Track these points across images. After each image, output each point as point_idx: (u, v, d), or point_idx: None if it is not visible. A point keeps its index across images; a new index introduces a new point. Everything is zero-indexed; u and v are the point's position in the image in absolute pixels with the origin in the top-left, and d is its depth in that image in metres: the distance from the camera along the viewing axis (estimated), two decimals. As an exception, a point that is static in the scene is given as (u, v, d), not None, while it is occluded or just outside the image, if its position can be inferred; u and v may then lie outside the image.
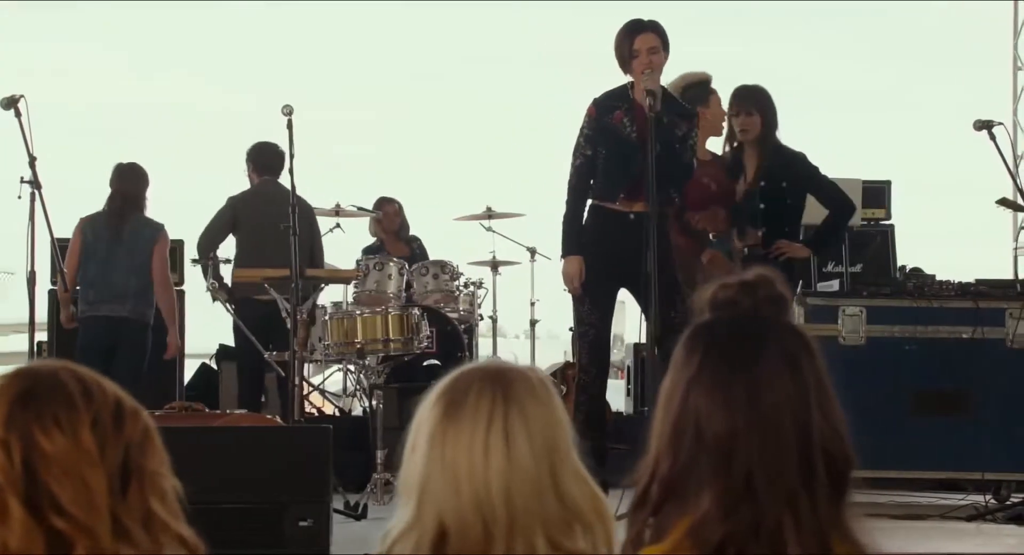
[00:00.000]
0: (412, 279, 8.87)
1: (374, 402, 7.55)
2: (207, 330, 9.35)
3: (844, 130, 19.54)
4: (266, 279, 7.43)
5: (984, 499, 7.07)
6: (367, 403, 8.11)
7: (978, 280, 7.65)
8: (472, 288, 9.50)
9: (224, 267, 8.42)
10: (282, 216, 7.41)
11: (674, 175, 6.46)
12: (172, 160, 18.45)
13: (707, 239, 7.03)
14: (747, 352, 1.89)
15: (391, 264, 8.51)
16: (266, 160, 8.64)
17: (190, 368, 9.44)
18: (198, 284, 8.68)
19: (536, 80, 22.29)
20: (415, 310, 7.65)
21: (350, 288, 8.71)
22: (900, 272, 7.99)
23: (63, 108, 18.40)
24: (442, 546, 1.91)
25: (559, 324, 9.98)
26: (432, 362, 8.34)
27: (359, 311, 7.64)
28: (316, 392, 9.76)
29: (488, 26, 20.66)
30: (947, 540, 6.22)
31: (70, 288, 7.91)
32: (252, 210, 8.53)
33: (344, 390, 9.81)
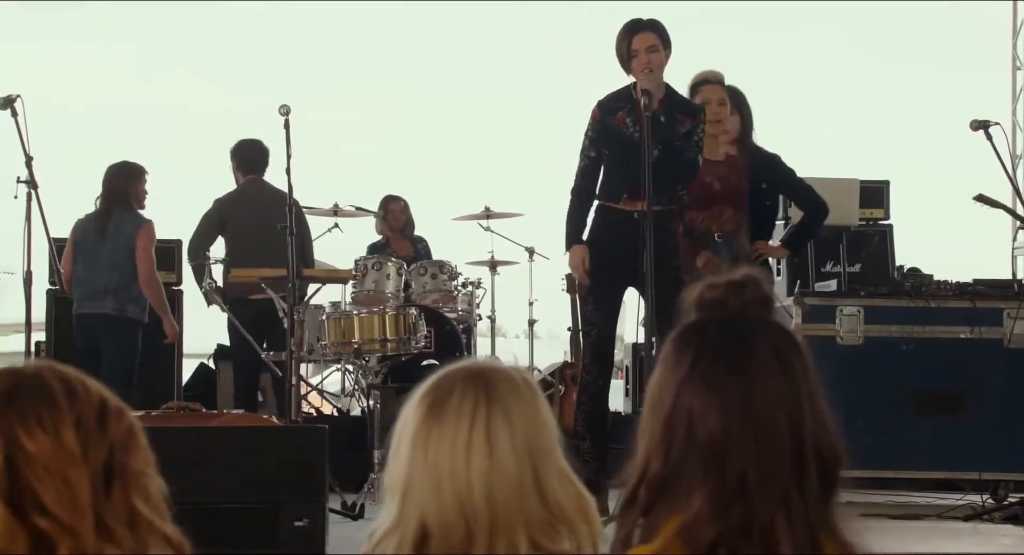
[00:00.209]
0: (411, 279, 8.86)
1: (371, 402, 7.55)
2: (205, 330, 9.34)
3: (843, 130, 19.57)
4: (263, 279, 7.42)
5: (981, 499, 7.07)
6: (365, 403, 8.11)
7: (976, 280, 7.66)
8: (470, 288, 9.50)
9: (216, 267, 8.40)
10: (270, 216, 7.40)
11: (677, 173, 6.42)
12: (172, 160, 18.46)
13: (711, 239, 6.98)
14: (741, 352, 1.89)
15: (389, 264, 8.50)
16: (250, 157, 8.62)
17: (188, 368, 9.43)
18: (196, 284, 8.67)
19: (535, 80, 22.30)
20: (412, 310, 7.65)
21: (348, 288, 8.70)
22: (898, 272, 7.98)
23: (63, 108, 18.44)
24: (424, 546, 1.91)
25: (558, 324, 9.98)
26: (431, 362, 8.33)
27: (356, 311, 7.65)
28: (315, 392, 9.76)
29: (488, 26, 20.68)
30: (944, 540, 6.22)
31: (67, 289, 7.95)
32: (239, 211, 8.51)
33: (343, 390, 9.80)
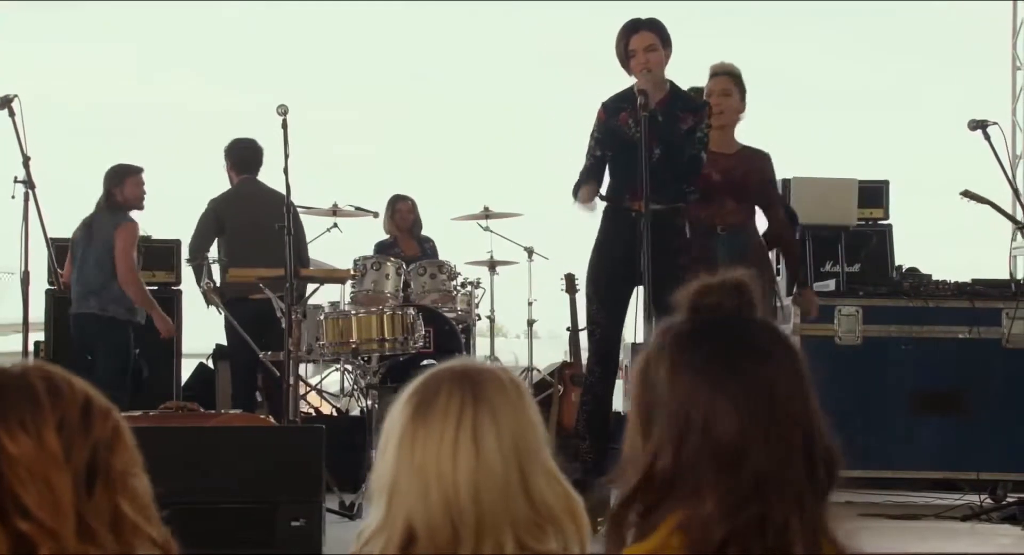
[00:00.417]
0: (410, 279, 8.85)
1: (369, 402, 7.54)
2: (205, 330, 9.32)
3: (842, 129, 19.56)
4: (261, 279, 7.41)
5: (980, 499, 7.06)
6: (364, 403, 8.10)
7: (974, 280, 7.65)
8: (470, 288, 9.50)
9: (214, 268, 8.39)
10: (265, 216, 7.39)
11: (680, 171, 6.40)
12: (172, 160, 18.47)
13: (713, 234, 6.91)
14: (756, 353, 1.89)
15: (388, 264, 8.49)
16: (244, 157, 8.62)
17: (187, 368, 9.43)
18: (195, 284, 8.66)
19: (535, 80, 22.27)
20: (410, 310, 7.65)
21: (347, 288, 8.69)
22: (897, 272, 7.97)
23: (62, 108, 18.45)
24: (411, 546, 1.90)
25: (557, 324, 9.95)
26: (430, 362, 8.30)
27: (354, 311, 7.64)
28: (313, 392, 9.75)
29: (488, 26, 20.68)
30: (942, 540, 6.21)
31: (67, 290, 8.01)
32: (235, 212, 8.51)
33: (342, 390, 9.79)
